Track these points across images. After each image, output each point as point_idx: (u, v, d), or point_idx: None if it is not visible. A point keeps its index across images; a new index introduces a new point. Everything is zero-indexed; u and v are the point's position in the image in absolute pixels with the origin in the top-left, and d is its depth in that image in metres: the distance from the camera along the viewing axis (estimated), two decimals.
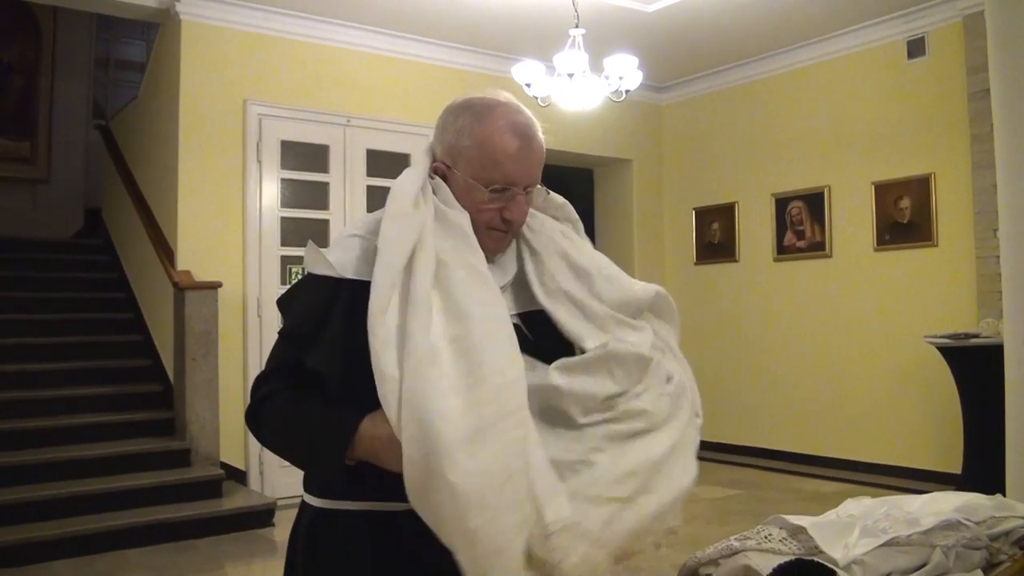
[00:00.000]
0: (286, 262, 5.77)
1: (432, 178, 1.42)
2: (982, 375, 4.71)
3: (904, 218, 6.02)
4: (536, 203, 1.51)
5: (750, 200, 7.09)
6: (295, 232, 5.79)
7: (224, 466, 5.28)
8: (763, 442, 6.94)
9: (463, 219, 1.37)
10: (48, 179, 8.32)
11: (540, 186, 1.47)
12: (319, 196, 5.97)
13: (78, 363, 5.74)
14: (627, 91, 5.11)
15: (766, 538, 1.95)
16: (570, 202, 1.60)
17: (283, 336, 1.41)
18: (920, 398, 5.87)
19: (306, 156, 5.92)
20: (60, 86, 8.37)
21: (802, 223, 6.69)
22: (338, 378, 1.33)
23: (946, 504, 2.23)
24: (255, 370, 5.55)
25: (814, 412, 6.58)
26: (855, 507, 2.27)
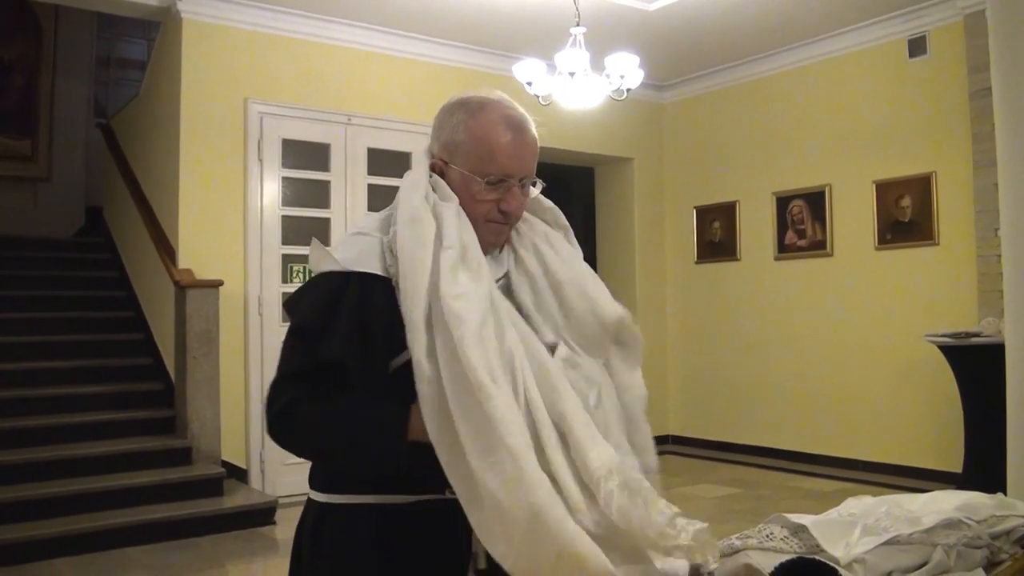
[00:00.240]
0: (287, 260, 5.78)
1: (431, 176, 1.45)
2: (983, 374, 4.71)
3: (905, 217, 6.02)
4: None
5: (751, 199, 7.08)
6: (296, 230, 5.79)
7: (225, 464, 5.29)
8: (763, 441, 6.94)
9: (454, 206, 1.40)
10: (49, 178, 8.31)
11: (538, 180, 1.50)
12: (320, 194, 5.97)
13: (79, 361, 5.75)
14: (628, 90, 5.10)
15: (767, 537, 1.95)
16: (571, 201, 1.61)
17: (294, 332, 1.39)
18: (921, 397, 5.87)
19: (307, 154, 5.92)
20: (61, 85, 8.36)
21: (803, 222, 6.69)
22: (355, 367, 1.33)
23: (947, 503, 2.23)
24: (256, 368, 5.56)
25: (815, 411, 6.58)
26: (856, 506, 2.27)
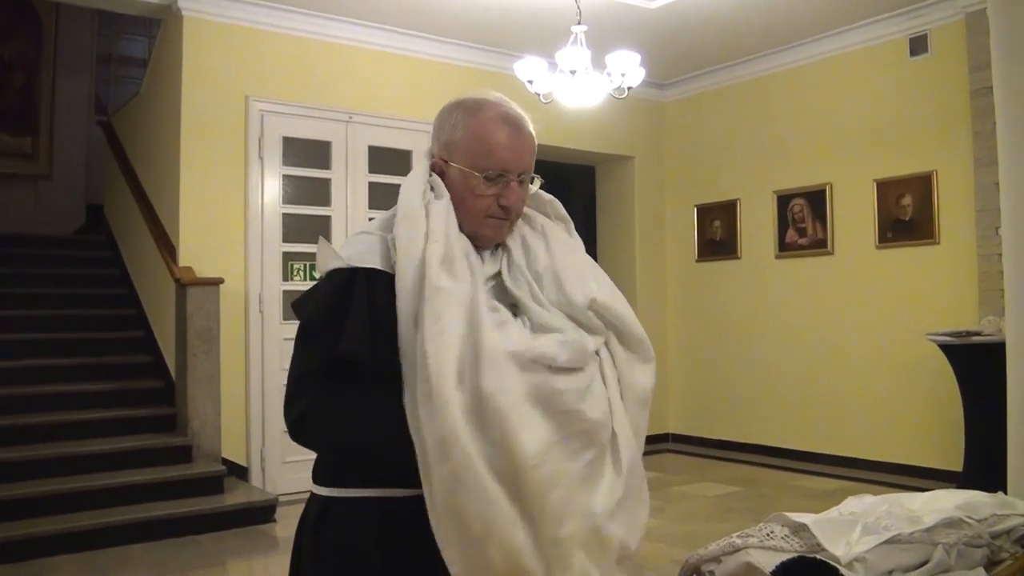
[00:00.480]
0: (288, 258, 5.78)
1: (431, 175, 1.48)
2: (984, 373, 4.71)
3: (906, 215, 6.01)
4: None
5: (752, 197, 7.08)
6: (297, 228, 5.79)
7: (226, 462, 5.29)
8: (764, 439, 6.94)
9: (444, 203, 1.42)
10: (50, 175, 8.32)
11: (536, 176, 1.52)
12: (321, 192, 5.97)
13: (79, 359, 5.74)
14: (629, 88, 5.09)
15: (768, 535, 1.95)
16: (572, 199, 1.62)
17: (306, 331, 1.40)
18: (921, 396, 5.87)
19: (308, 152, 5.92)
20: (62, 82, 8.36)
21: (804, 220, 6.69)
22: (369, 360, 1.34)
23: (948, 502, 2.23)
24: (257, 366, 5.56)
25: (815, 409, 6.58)
26: (857, 505, 2.27)
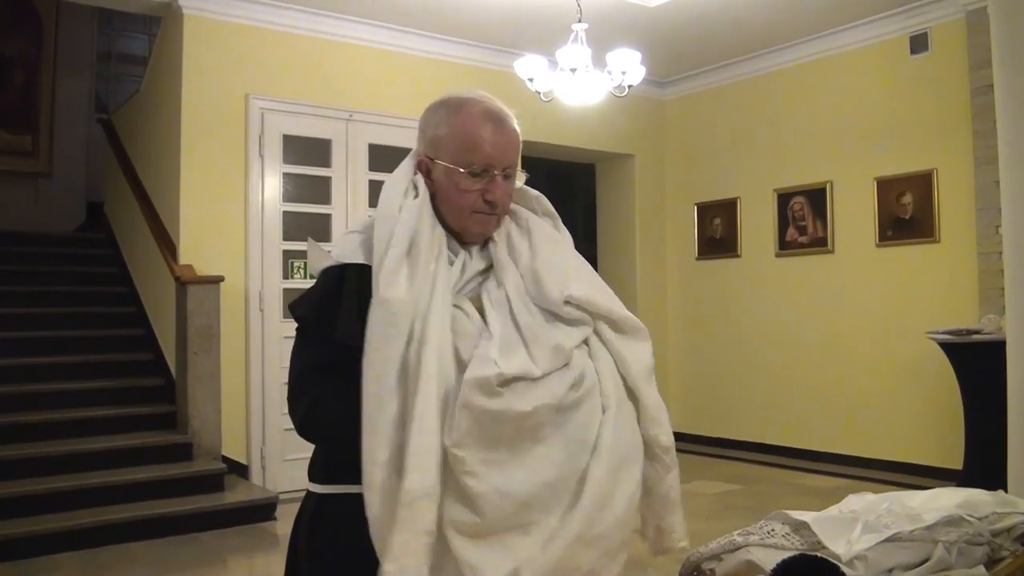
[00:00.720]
0: (288, 256, 5.78)
1: (415, 174, 1.49)
2: (984, 371, 4.71)
3: (906, 214, 6.01)
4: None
5: (752, 195, 7.08)
6: (297, 226, 5.79)
7: (226, 460, 5.29)
8: (764, 437, 6.94)
9: (416, 202, 1.43)
10: (50, 173, 8.31)
11: (522, 171, 1.54)
12: (321, 190, 5.97)
13: (80, 357, 5.74)
14: (629, 86, 5.09)
15: (769, 533, 1.95)
16: (572, 197, 1.63)
17: (302, 327, 1.44)
18: (922, 394, 5.87)
19: (308, 150, 5.92)
20: (62, 80, 8.36)
21: (804, 218, 6.68)
22: (360, 345, 1.35)
23: (948, 500, 2.23)
24: (257, 364, 5.56)
25: (815, 407, 6.59)
26: (857, 503, 2.27)
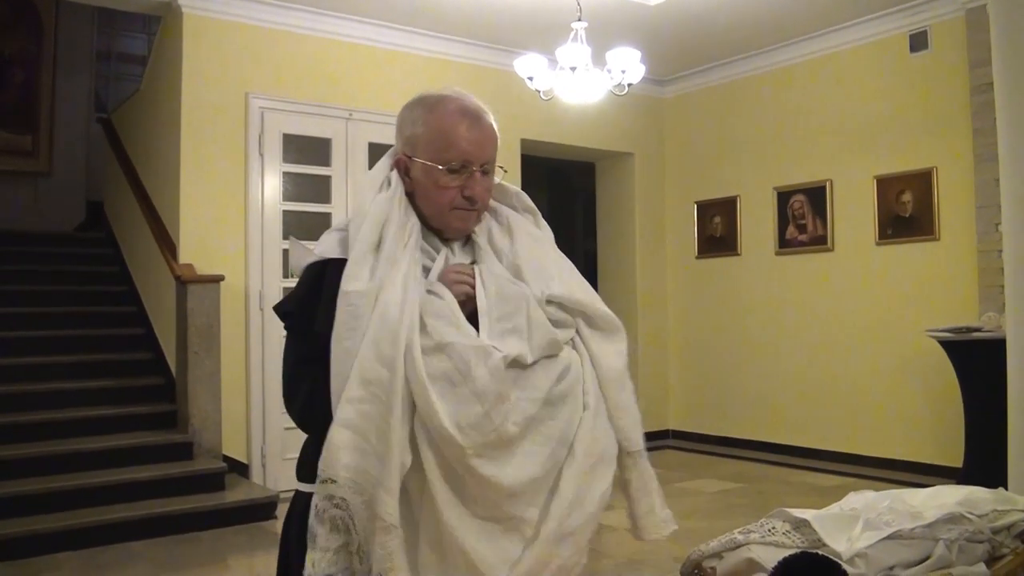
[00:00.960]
0: (288, 255, 5.77)
1: (391, 171, 1.51)
2: (984, 369, 4.72)
3: (906, 212, 6.01)
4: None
5: (752, 194, 7.08)
6: (297, 225, 5.78)
7: (226, 459, 5.29)
8: (764, 435, 6.94)
9: (384, 196, 1.47)
10: (50, 172, 8.30)
11: (500, 167, 1.55)
12: (321, 189, 5.97)
13: (80, 356, 5.74)
14: (629, 85, 5.09)
15: (770, 531, 1.96)
16: (572, 196, 1.64)
17: (289, 323, 1.48)
18: (922, 392, 5.88)
19: (308, 149, 5.92)
20: (61, 79, 8.35)
21: (804, 217, 6.69)
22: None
23: (949, 497, 2.24)
24: (257, 363, 5.56)
25: (815, 406, 6.59)
26: (858, 500, 2.28)
